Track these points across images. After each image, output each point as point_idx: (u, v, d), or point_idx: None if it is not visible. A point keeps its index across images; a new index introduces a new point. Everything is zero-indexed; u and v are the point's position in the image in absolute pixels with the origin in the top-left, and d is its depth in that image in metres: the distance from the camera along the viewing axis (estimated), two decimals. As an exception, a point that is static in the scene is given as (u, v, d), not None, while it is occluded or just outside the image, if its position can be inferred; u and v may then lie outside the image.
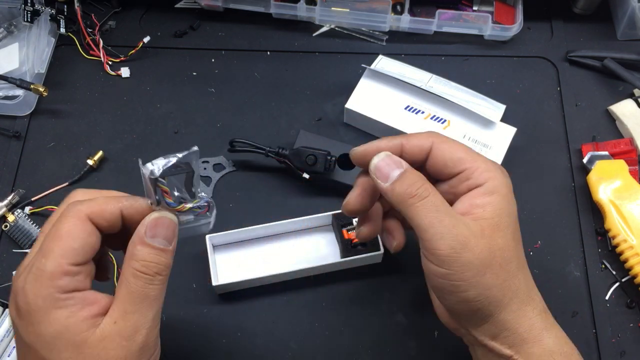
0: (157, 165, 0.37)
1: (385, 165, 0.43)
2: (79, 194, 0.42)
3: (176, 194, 0.39)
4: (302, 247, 0.60)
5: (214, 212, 0.42)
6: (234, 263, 0.59)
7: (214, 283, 0.56)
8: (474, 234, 0.40)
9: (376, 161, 0.43)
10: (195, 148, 0.39)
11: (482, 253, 0.40)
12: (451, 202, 0.43)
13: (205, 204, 0.41)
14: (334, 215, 0.59)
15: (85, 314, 0.37)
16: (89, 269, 0.39)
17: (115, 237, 0.41)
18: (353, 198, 0.47)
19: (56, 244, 0.37)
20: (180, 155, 0.38)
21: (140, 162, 0.38)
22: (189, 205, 0.40)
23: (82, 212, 0.38)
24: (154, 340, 0.39)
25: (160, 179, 0.38)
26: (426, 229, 0.40)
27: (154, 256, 0.38)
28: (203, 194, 0.41)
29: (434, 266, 0.41)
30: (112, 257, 0.57)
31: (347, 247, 0.57)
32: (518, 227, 0.44)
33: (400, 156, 0.44)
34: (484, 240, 0.40)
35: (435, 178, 0.46)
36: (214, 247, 0.59)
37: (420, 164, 0.45)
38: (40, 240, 0.39)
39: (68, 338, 0.36)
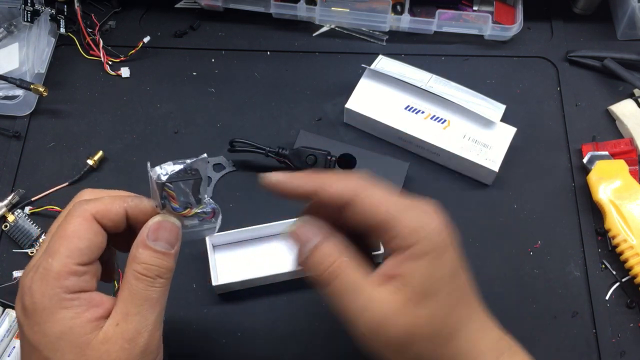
0: (165, 170, 0.37)
1: (298, 237, 0.40)
2: (87, 194, 0.42)
3: (182, 198, 0.39)
4: (302, 247, 0.60)
5: (220, 217, 0.42)
6: (234, 263, 0.59)
7: (214, 283, 0.56)
8: (393, 310, 0.37)
9: (291, 231, 0.40)
10: (205, 155, 0.38)
11: (404, 328, 0.37)
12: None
13: (211, 209, 0.40)
14: (334, 215, 0.59)
15: (89, 315, 0.36)
16: (95, 269, 0.39)
17: (121, 238, 0.41)
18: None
19: (62, 243, 0.37)
20: (188, 161, 0.38)
21: (148, 165, 0.38)
22: (195, 210, 0.40)
23: (87, 211, 0.38)
24: (156, 344, 0.39)
25: (167, 183, 0.38)
26: (342, 308, 0.38)
27: (156, 259, 0.38)
28: (210, 199, 0.40)
29: (357, 341, 0.38)
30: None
31: (347, 247, 0.57)
32: (458, 285, 0.39)
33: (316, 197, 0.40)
34: (406, 315, 0.37)
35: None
36: (214, 247, 0.59)
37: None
38: (47, 240, 0.39)
39: (72, 339, 0.36)
